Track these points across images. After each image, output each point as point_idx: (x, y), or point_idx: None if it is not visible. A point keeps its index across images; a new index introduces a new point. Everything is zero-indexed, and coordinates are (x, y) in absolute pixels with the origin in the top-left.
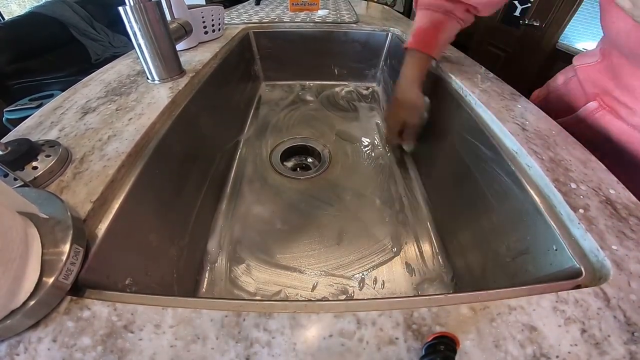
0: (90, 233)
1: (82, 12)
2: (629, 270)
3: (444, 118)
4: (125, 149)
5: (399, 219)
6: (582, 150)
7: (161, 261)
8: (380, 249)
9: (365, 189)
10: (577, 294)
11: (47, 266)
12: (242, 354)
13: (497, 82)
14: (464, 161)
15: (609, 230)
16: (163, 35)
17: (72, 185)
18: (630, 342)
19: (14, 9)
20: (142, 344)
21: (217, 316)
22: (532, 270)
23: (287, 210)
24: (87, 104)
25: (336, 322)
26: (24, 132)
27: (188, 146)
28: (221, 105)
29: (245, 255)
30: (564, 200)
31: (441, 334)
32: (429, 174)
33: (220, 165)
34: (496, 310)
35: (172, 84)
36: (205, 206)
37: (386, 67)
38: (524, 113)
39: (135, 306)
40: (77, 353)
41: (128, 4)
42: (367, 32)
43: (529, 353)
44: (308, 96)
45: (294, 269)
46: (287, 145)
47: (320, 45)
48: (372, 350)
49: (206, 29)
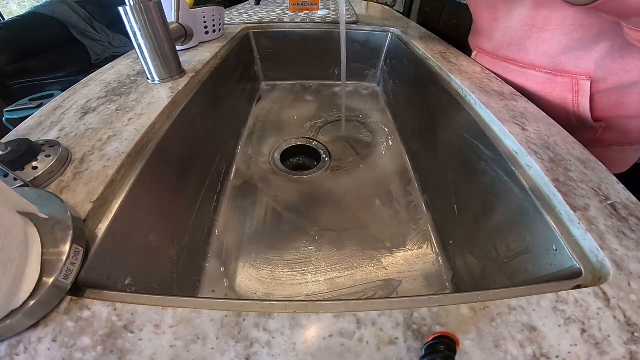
0: (90, 233)
1: (82, 12)
2: (629, 270)
3: (444, 118)
4: (125, 149)
5: (399, 219)
6: (582, 150)
7: (161, 261)
8: (380, 249)
9: (365, 189)
10: (577, 294)
11: (47, 266)
12: (242, 354)
13: (497, 82)
14: (464, 161)
15: (609, 230)
16: (163, 35)
17: (72, 186)
18: (630, 342)
19: (14, 9)
20: (142, 344)
21: (217, 316)
22: (532, 270)
23: (288, 210)
24: (87, 104)
25: (336, 322)
26: (24, 132)
27: (188, 146)
28: (221, 105)
29: (245, 254)
30: (564, 200)
31: (441, 334)
32: (429, 174)
33: (220, 165)
34: (496, 310)
35: (172, 84)
36: (205, 206)
37: (386, 67)
38: (524, 113)
39: (135, 306)
40: (77, 353)
41: (128, 4)
42: (367, 32)
43: (529, 353)
44: (308, 96)
45: (294, 269)
46: (287, 145)
47: (320, 45)
48: (372, 350)
49: (207, 29)
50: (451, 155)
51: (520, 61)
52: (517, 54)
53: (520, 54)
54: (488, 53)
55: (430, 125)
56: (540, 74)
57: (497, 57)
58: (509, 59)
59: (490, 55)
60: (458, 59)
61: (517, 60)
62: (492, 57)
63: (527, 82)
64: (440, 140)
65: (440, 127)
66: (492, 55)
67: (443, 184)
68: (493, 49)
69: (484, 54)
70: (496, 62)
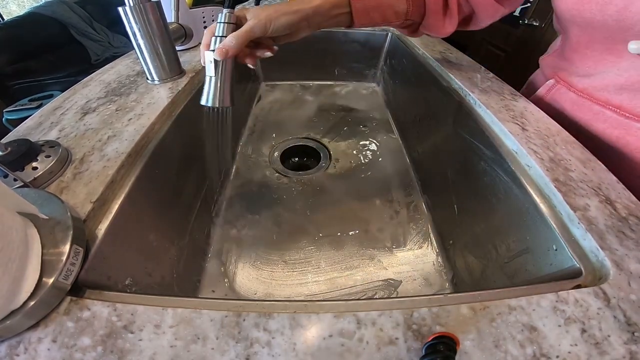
0: (90, 233)
1: (82, 13)
2: (629, 270)
3: (444, 118)
4: (125, 149)
5: (399, 219)
6: (582, 150)
7: (161, 261)
8: (380, 249)
9: (365, 189)
10: (577, 294)
11: (47, 266)
12: (242, 354)
13: (497, 82)
14: (464, 161)
15: (609, 230)
16: (163, 36)
17: (72, 186)
18: (630, 342)
19: (14, 9)
20: (142, 344)
21: (217, 316)
22: (532, 270)
23: (288, 210)
24: (87, 105)
25: (336, 322)
26: (24, 133)
27: (188, 146)
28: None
29: (245, 254)
30: (564, 200)
31: (441, 334)
32: (429, 174)
33: (220, 165)
34: (496, 310)
35: (172, 84)
36: (205, 206)
37: (386, 67)
38: (524, 113)
39: (135, 306)
40: (77, 353)
41: (128, 4)
42: (366, 32)
43: (529, 353)
44: (308, 96)
45: (294, 268)
46: (287, 145)
47: (320, 45)
48: (372, 350)
49: (206, 29)
50: (451, 155)
51: (629, 110)
52: (629, 101)
53: (634, 102)
54: (577, 90)
55: (430, 125)
56: None
57: (590, 97)
58: (611, 104)
59: (580, 93)
60: (458, 59)
61: (624, 108)
62: (581, 95)
63: (627, 136)
64: (440, 140)
65: (441, 127)
66: (583, 93)
67: (443, 184)
68: (590, 87)
69: (568, 88)
70: (586, 103)
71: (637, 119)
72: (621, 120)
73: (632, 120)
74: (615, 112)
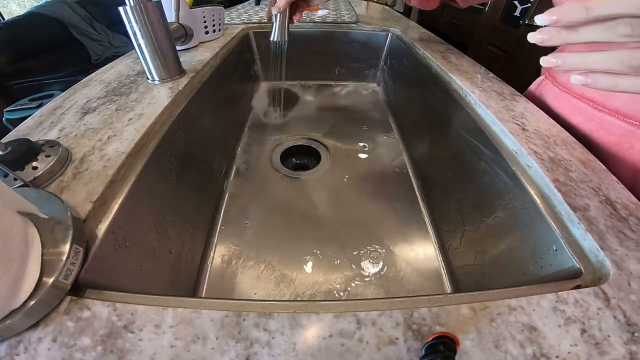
0: (90, 233)
1: (82, 12)
2: (629, 270)
3: (444, 118)
4: (125, 149)
5: (399, 218)
6: (582, 150)
7: (161, 261)
8: (379, 249)
9: (364, 189)
10: (577, 294)
11: (47, 266)
12: (242, 354)
13: (497, 82)
14: (463, 161)
15: (609, 230)
16: (163, 35)
17: (72, 186)
18: (630, 342)
19: (14, 9)
20: (142, 344)
21: (217, 316)
22: (532, 270)
23: (287, 210)
24: (87, 104)
25: (336, 322)
26: (24, 132)
27: (188, 146)
28: (221, 105)
29: (245, 254)
30: (564, 200)
31: (441, 334)
32: (429, 174)
33: (220, 165)
34: (496, 310)
35: (172, 84)
36: (205, 206)
37: (386, 67)
38: (524, 113)
39: (135, 306)
40: (77, 353)
41: (128, 4)
42: (367, 32)
43: (529, 353)
44: (308, 96)
45: (294, 268)
46: (287, 145)
47: (320, 45)
48: (372, 350)
49: (207, 29)
50: (451, 155)
51: (601, 104)
52: (600, 94)
53: (605, 95)
54: (559, 83)
55: (430, 125)
56: (622, 124)
57: (569, 90)
58: (586, 97)
59: (561, 86)
60: (458, 59)
61: (596, 102)
62: (562, 89)
63: (600, 130)
64: (440, 140)
65: (441, 127)
66: (563, 87)
67: (443, 183)
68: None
69: (553, 83)
70: (565, 96)
71: (607, 111)
72: (595, 113)
73: (604, 113)
74: (589, 104)
